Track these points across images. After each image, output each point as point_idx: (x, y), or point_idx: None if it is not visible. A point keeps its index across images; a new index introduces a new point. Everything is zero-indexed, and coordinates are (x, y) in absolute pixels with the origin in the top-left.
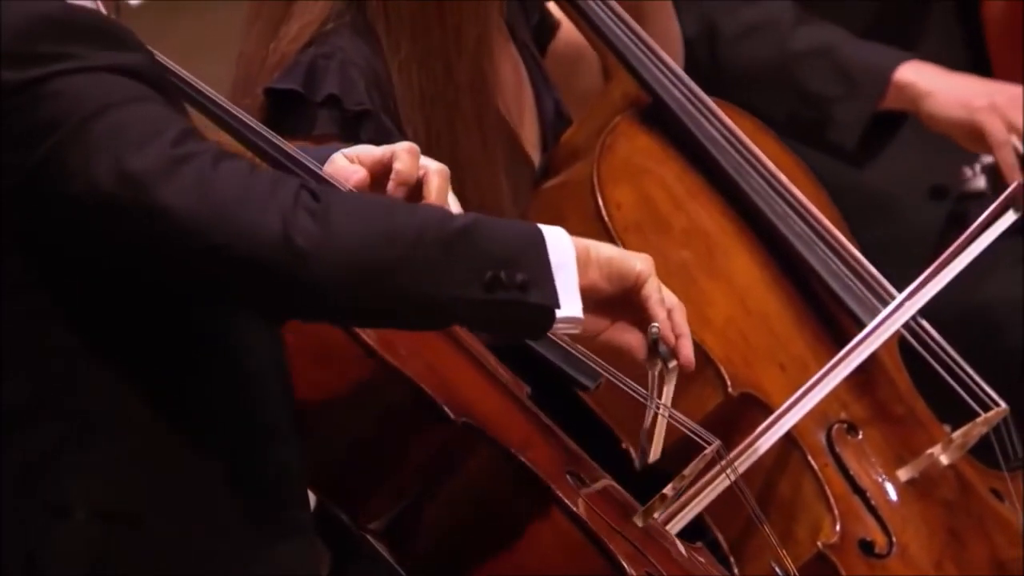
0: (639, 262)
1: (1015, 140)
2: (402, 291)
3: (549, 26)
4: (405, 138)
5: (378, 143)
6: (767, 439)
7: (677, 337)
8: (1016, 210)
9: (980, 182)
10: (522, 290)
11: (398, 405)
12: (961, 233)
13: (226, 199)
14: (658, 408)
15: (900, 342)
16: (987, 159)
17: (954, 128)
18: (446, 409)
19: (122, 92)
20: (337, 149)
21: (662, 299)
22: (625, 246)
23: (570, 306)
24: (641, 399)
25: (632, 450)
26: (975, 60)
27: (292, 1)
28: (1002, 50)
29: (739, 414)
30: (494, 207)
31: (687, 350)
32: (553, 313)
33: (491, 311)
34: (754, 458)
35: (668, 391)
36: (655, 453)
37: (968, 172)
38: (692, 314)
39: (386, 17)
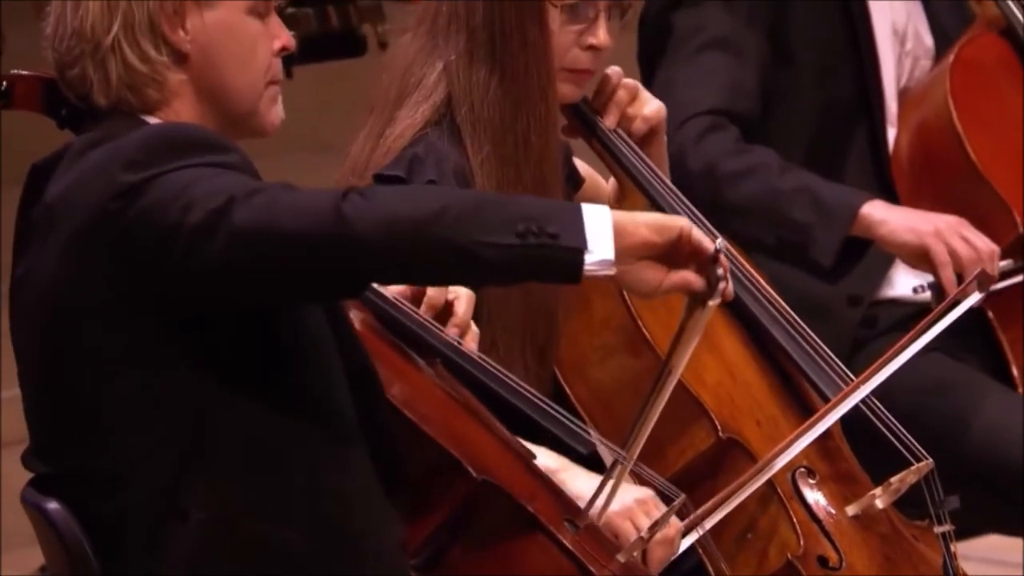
0: (679, 218)
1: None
2: (438, 239)
3: (575, 181)
4: None
5: None
6: (738, 496)
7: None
8: (981, 289)
9: (927, 295)
10: (553, 238)
11: (431, 463)
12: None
13: (291, 203)
14: (624, 460)
15: (849, 414)
16: (930, 277)
17: (903, 249)
18: (469, 468)
19: (212, 170)
20: None
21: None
22: (642, 321)
23: (601, 251)
24: (617, 454)
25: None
26: (883, 187)
27: (398, 108)
28: (902, 180)
29: (725, 455)
30: None
31: (728, 286)
32: (582, 254)
33: (524, 254)
34: (721, 516)
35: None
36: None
37: (918, 288)
38: (692, 376)
39: (472, 124)
